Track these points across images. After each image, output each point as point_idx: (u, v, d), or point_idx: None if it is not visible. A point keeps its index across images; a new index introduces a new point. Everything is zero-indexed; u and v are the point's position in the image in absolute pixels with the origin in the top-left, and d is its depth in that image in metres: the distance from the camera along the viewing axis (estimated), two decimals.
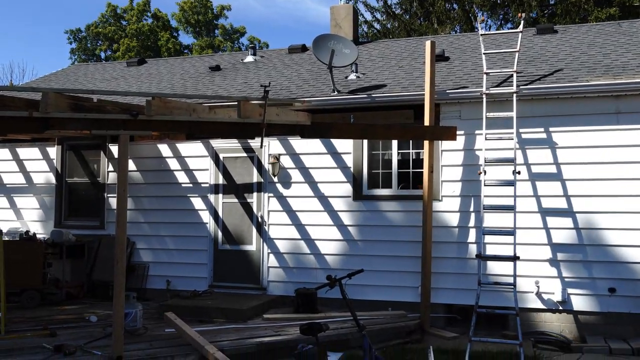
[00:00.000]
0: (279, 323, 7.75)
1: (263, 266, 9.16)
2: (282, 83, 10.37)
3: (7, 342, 6.75)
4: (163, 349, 6.52)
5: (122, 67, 14.43)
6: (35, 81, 14.87)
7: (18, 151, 10.74)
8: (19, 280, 8.57)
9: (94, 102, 7.21)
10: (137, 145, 9.84)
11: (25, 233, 9.60)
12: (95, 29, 35.80)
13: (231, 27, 37.10)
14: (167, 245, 9.70)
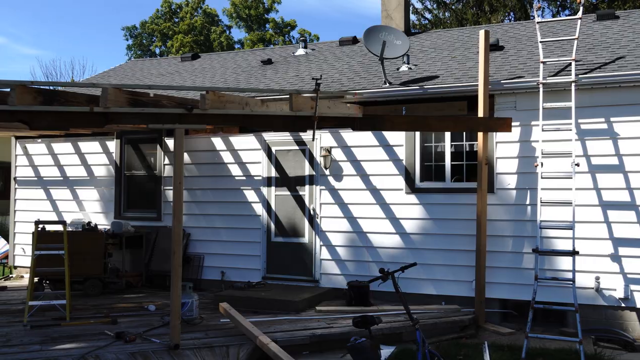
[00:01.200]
0: (332, 315, 7.79)
1: (315, 258, 9.22)
2: (334, 75, 10.36)
3: (72, 328, 7.05)
4: (218, 338, 6.66)
5: (177, 62, 14.73)
6: (95, 77, 15.37)
7: (80, 145, 11.14)
8: (82, 269, 8.91)
9: (151, 96, 7.39)
10: (192, 139, 10.04)
11: (87, 224, 9.96)
12: (150, 26, 36.68)
13: (282, 21, 37.30)
14: (221, 237, 9.88)
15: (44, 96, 6.53)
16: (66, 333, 6.83)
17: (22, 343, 6.40)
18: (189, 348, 6.23)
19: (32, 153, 11.61)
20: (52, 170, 11.42)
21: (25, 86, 6.37)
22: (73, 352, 6.03)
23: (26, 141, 11.63)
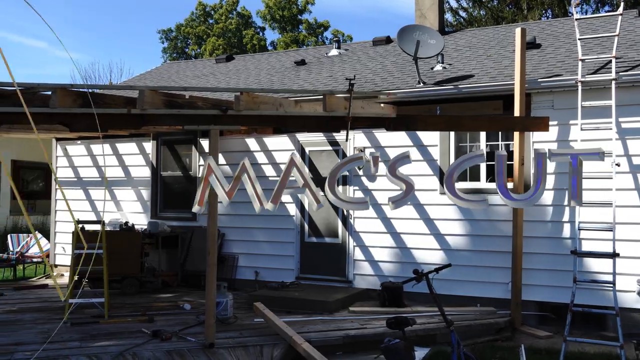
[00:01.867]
0: (365, 316, 7.77)
1: (348, 259, 9.21)
2: (367, 76, 10.34)
3: (110, 326, 7.20)
4: (252, 337, 6.71)
5: (212, 64, 14.91)
6: (132, 80, 15.67)
7: (117, 146, 11.37)
8: (120, 268, 9.08)
9: (186, 98, 7.50)
10: (226, 140, 10.14)
11: (124, 224, 10.15)
12: (185, 29, 37.19)
13: (315, 22, 37.36)
14: (255, 237, 9.95)
15: (84, 99, 6.68)
16: (104, 330, 6.98)
17: (62, 340, 6.57)
18: (224, 347, 6.29)
19: (72, 154, 11.90)
20: (91, 171, 11.69)
21: (65, 89, 6.53)
22: (111, 349, 6.15)
23: (66, 143, 11.92)
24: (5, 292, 9.60)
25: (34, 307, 8.42)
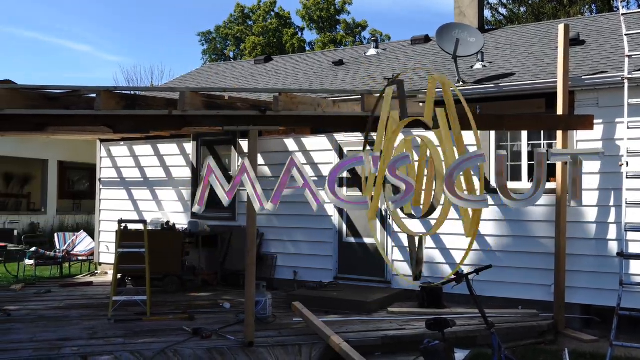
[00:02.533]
0: (404, 317, 7.72)
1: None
2: (405, 75, 10.27)
3: (152, 323, 7.34)
4: (291, 337, 6.74)
5: (250, 65, 15.05)
6: (173, 82, 15.94)
7: (159, 147, 11.59)
8: (161, 267, 9.24)
9: (226, 99, 7.61)
10: (265, 140, 10.22)
11: (166, 223, 10.33)
12: (224, 30, 37.65)
13: (353, 22, 37.32)
14: (294, 237, 10.00)
15: (127, 101, 6.84)
16: (147, 328, 7.12)
17: (107, 336, 6.73)
18: (263, 346, 6.34)
19: (115, 155, 12.18)
20: (134, 172, 11.94)
21: (109, 92, 6.70)
22: (153, 346, 6.27)
23: (110, 144, 12.21)
24: (52, 289, 9.90)
25: (80, 304, 8.65)
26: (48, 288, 9.98)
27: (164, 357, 5.97)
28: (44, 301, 8.89)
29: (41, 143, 18.26)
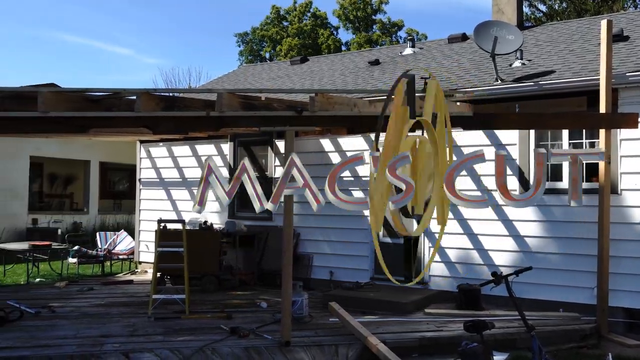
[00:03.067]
0: (441, 318, 7.65)
1: (424, 260, 9.09)
2: (442, 74, 10.16)
3: (191, 321, 7.45)
4: (327, 337, 6.75)
5: (286, 66, 15.12)
6: (210, 83, 16.15)
7: (197, 148, 11.75)
8: (199, 266, 9.37)
9: (262, 100, 7.66)
10: (301, 140, 10.25)
11: (203, 223, 10.46)
12: (260, 32, 37.94)
13: (389, 21, 37.14)
14: (330, 237, 10.01)
15: (166, 102, 6.95)
16: (186, 326, 7.23)
17: (147, 333, 6.86)
18: (299, 346, 6.36)
19: (155, 156, 12.40)
20: (172, 172, 12.14)
21: (148, 93, 6.82)
22: (192, 344, 6.36)
23: (149, 145, 12.44)
24: (94, 287, 10.15)
25: (121, 302, 8.84)
26: (90, 286, 10.23)
27: (202, 355, 6.05)
28: (87, 298, 9.12)
29: (83, 144, 18.76)
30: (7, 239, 16.21)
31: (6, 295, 9.21)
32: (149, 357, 5.93)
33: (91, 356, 5.93)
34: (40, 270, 12.37)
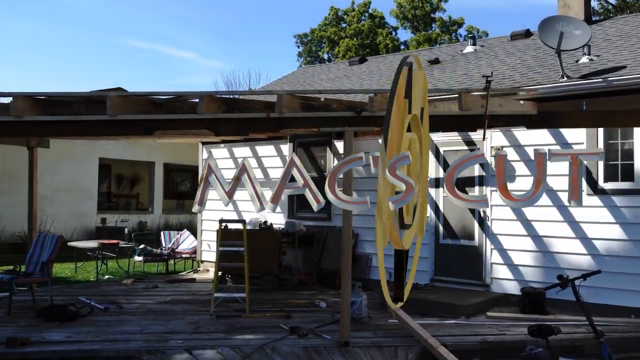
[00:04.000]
0: (504, 322, 7.46)
1: (486, 262, 8.90)
2: (505, 72, 9.92)
3: (251, 320, 7.56)
4: (386, 338, 6.71)
5: (345, 67, 15.13)
6: (270, 85, 16.36)
7: (257, 149, 11.93)
8: (259, 265, 9.50)
9: (321, 101, 7.69)
10: (360, 141, 10.23)
11: (263, 223, 10.61)
12: (318, 33, 38.14)
13: (449, 19, 36.58)
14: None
15: (227, 104, 7.09)
16: (246, 324, 7.34)
17: (209, 331, 7.02)
18: (358, 346, 6.35)
19: (216, 157, 12.66)
20: (233, 173, 12.30)
21: (211, 96, 6.98)
22: (252, 342, 6.46)
23: (211, 146, 12.72)
24: (158, 285, 10.46)
25: (184, 300, 9.08)
26: (155, 284, 10.56)
27: (262, 353, 6.13)
28: (152, 295, 9.41)
29: (148, 146, 19.39)
30: (78, 238, 16.97)
31: (77, 291, 9.64)
32: (211, 354, 6.06)
33: (156, 351, 6.11)
34: (108, 267, 12.86)
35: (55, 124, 7.21)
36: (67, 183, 17.57)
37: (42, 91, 7.19)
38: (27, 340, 6.31)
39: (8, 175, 15.90)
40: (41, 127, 7.28)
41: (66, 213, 17.41)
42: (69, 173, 17.66)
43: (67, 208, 17.52)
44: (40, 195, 11.08)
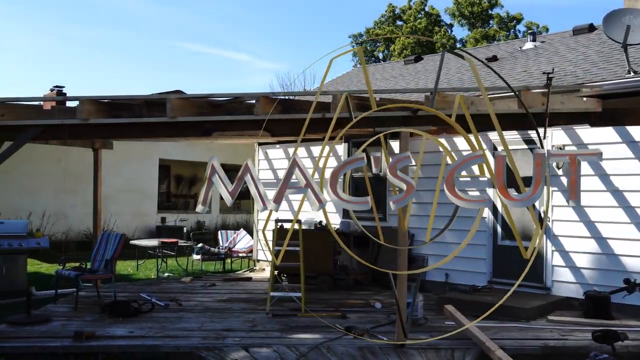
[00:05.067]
0: (566, 326, 7.23)
1: (546, 264, 8.64)
2: (566, 68, 9.61)
3: (306, 319, 7.61)
4: (443, 340, 6.61)
5: (400, 66, 15.02)
6: (325, 85, 16.39)
7: (311, 149, 11.99)
8: (314, 265, 9.55)
9: (377, 101, 7.65)
10: (416, 141, 10.11)
11: (318, 223, 10.65)
12: (374, 31, 38.01)
13: (507, 15, 35.74)
14: (445, 239, 9.75)
15: (283, 105, 7.17)
16: (302, 323, 7.39)
17: (265, 329, 7.10)
18: (414, 348, 6.29)
19: (272, 157, 12.81)
20: None
21: (267, 97, 7.07)
22: (308, 341, 6.50)
23: (266, 147, 12.87)
24: (216, 283, 10.67)
25: (241, 298, 9.22)
26: (213, 282, 10.77)
27: (318, 352, 6.15)
28: (209, 294, 9.61)
29: (205, 147, 19.80)
30: (139, 236, 17.53)
31: (139, 288, 9.95)
32: (267, 352, 6.13)
33: (214, 348, 6.24)
34: (168, 265, 13.21)
35: (118, 126, 7.47)
36: (129, 183, 18.18)
37: (106, 95, 7.46)
38: (93, 334, 6.57)
39: (73, 176, 16.60)
40: (106, 129, 7.56)
41: (128, 212, 18.01)
42: (131, 174, 18.26)
43: (129, 207, 18.13)
44: (104, 195, 11.49)
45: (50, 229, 15.96)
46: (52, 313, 7.80)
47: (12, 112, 7.26)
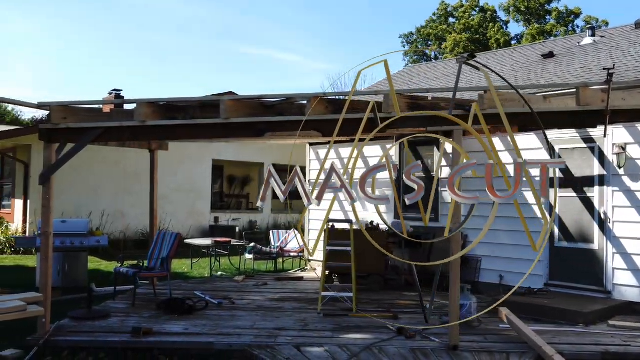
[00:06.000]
0: (628, 332, 6.96)
1: (607, 267, 8.33)
2: (628, 63, 9.25)
3: (358, 319, 7.60)
4: (497, 344, 6.48)
5: (452, 64, 14.79)
6: (376, 85, 16.34)
7: (363, 149, 11.93)
8: (365, 265, 9.51)
9: (429, 100, 7.57)
10: (468, 140, 9.95)
11: (370, 223, 10.61)
12: (425, 30, 37.59)
13: (566, 10, 34.66)
14: (499, 240, 9.59)
15: (334, 106, 7.17)
16: (353, 324, 7.38)
17: (317, 329, 7.13)
18: (468, 350, 6.18)
19: (323, 157, 12.83)
20: (340, 173, 12.44)
21: (318, 97, 7.08)
22: (359, 342, 6.49)
23: (317, 147, 12.91)
24: (268, 282, 10.78)
25: (292, 297, 9.29)
26: (265, 281, 10.89)
27: (369, 353, 6.13)
28: (262, 292, 9.72)
29: (257, 148, 20.08)
30: (193, 235, 17.92)
31: (193, 286, 10.16)
32: (319, 352, 6.15)
33: (267, 347, 6.30)
34: (221, 264, 13.44)
35: (174, 127, 7.64)
36: (184, 184, 18.61)
37: (161, 97, 7.66)
38: (150, 330, 6.76)
39: (131, 177, 17.12)
40: (162, 130, 7.74)
41: (183, 212, 18.45)
42: (185, 174, 18.69)
43: (184, 207, 18.56)
44: (160, 195, 11.80)
45: (109, 228, 16.52)
46: (111, 309, 8.07)
47: (74, 116, 7.53)
